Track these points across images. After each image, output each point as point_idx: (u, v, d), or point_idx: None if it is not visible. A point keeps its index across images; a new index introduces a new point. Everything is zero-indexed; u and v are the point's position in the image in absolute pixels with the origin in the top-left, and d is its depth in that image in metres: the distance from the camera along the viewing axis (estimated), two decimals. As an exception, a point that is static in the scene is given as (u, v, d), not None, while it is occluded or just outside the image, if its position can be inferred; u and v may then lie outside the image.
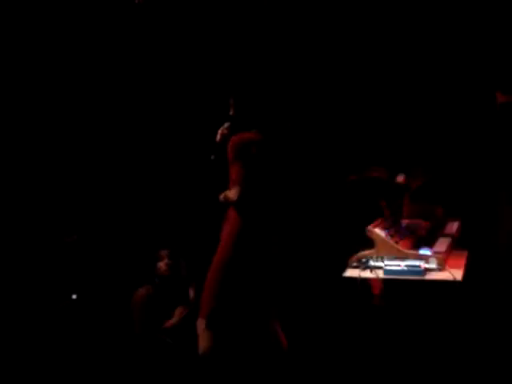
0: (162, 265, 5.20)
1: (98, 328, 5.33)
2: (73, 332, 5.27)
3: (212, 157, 4.27)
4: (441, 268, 4.31)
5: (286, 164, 4.37)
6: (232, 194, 4.14)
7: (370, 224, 4.57)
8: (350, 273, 4.42)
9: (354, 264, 4.45)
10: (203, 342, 4.18)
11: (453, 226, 5.18)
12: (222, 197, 4.20)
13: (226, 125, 4.27)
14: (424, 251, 4.47)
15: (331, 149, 5.98)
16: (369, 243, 4.50)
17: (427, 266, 4.32)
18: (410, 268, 4.28)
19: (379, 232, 4.44)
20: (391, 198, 4.94)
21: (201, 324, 4.20)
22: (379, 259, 4.37)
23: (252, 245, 4.19)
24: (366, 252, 4.47)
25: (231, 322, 4.24)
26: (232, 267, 4.16)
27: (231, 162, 4.15)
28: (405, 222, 4.97)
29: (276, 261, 4.33)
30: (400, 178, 5.05)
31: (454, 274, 4.23)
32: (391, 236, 4.48)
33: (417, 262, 4.31)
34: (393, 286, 4.42)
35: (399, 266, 4.31)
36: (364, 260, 4.44)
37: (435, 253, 4.46)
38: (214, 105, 5.23)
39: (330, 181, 5.87)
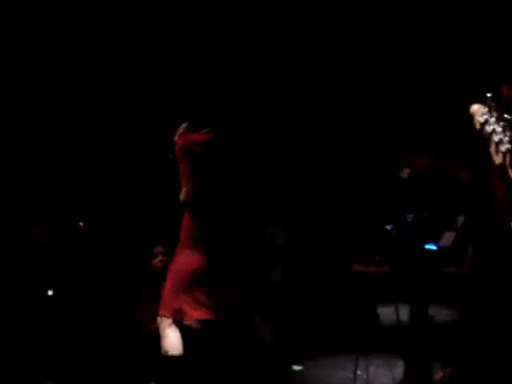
0: (156, 262, 5.21)
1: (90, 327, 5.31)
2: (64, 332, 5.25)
3: (170, 156, 4.31)
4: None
5: (244, 163, 4.35)
6: (180, 194, 4.17)
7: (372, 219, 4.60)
8: (357, 267, 4.47)
9: None
10: (169, 341, 4.17)
11: (458, 221, 5.21)
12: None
13: (184, 125, 4.30)
14: (430, 246, 4.51)
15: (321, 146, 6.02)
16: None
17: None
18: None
19: None
20: (396, 193, 4.97)
21: (165, 323, 4.20)
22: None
23: (208, 243, 4.18)
24: None
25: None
26: (191, 268, 4.17)
27: (178, 164, 4.20)
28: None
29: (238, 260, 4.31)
30: (404, 174, 5.07)
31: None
32: None
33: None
34: (400, 278, 4.47)
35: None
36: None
37: (441, 248, 4.49)
38: (173, 105, 5.22)
39: (328, 177, 5.90)
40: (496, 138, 2.51)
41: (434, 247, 4.50)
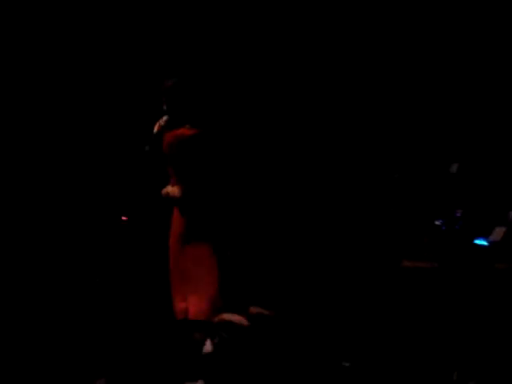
0: None
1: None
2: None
3: (147, 148, 4.34)
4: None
5: (219, 158, 4.33)
6: (176, 191, 4.20)
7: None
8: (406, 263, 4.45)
9: None
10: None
11: (509, 215, 5.14)
12: (164, 192, 4.27)
13: (165, 118, 4.30)
14: (480, 241, 4.47)
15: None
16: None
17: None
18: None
19: None
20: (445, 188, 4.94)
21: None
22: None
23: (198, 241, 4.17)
24: None
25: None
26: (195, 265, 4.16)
27: (166, 158, 4.23)
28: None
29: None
30: (454, 168, 5.04)
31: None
32: None
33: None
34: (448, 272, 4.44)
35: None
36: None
37: (491, 242, 4.45)
38: (152, 98, 5.21)
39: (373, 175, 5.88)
40: None
41: (484, 242, 4.45)
